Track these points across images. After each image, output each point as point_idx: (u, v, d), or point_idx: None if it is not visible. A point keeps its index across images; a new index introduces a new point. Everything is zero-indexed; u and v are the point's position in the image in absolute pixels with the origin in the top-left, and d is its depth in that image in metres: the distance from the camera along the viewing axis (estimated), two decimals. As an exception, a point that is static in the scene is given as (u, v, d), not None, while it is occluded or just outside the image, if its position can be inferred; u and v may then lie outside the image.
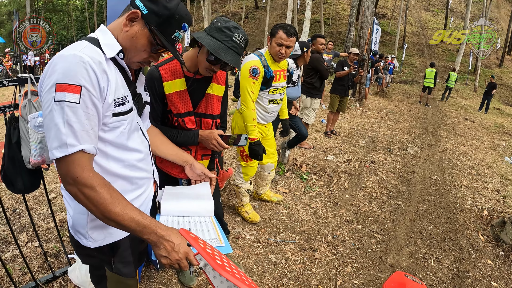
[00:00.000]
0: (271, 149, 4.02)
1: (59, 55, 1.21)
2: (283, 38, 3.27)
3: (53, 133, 1.18)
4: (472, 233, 4.14)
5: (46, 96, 1.19)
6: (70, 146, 1.17)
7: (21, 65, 20.86)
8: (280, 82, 3.64)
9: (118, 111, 1.35)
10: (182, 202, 1.78)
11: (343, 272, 3.23)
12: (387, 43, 32.59)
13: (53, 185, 4.58)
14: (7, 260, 3.03)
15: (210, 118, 2.30)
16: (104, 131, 1.34)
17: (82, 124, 1.19)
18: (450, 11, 35.62)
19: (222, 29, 1.93)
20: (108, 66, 1.30)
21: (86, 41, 1.32)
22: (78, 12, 48.73)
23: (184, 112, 2.18)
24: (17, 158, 2.00)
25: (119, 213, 1.20)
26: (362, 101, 12.97)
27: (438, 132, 9.90)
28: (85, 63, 1.19)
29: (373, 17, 12.71)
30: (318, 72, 6.26)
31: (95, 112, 1.24)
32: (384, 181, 5.49)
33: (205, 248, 1.18)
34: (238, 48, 1.96)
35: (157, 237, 1.23)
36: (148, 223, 1.23)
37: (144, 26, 1.36)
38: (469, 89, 23.80)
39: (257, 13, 41.40)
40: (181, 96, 2.14)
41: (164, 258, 1.23)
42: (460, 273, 3.38)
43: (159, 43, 1.38)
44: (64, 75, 1.16)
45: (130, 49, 1.39)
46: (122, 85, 1.38)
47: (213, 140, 2.19)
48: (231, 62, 1.91)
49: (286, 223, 4.02)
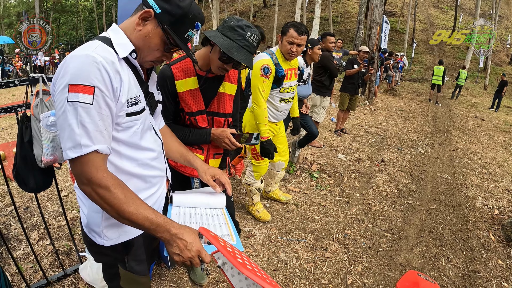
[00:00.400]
0: (282, 147, 4.03)
1: (72, 55, 1.21)
2: (294, 36, 3.28)
3: (67, 134, 1.18)
4: (483, 232, 4.12)
5: (59, 97, 1.19)
6: (84, 147, 1.18)
7: (31, 66, 21.02)
8: (291, 81, 3.64)
9: (131, 111, 1.35)
10: (193, 193, 1.80)
11: (353, 271, 3.24)
12: (396, 41, 32.38)
13: (64, 183, 4.63)
14: (18, 258, 3.07)
15: (222, 116, 2.30)
16: (118, 130, 1.34)
17: (96, 125, 1.20)
18: (459, 8, 35.27)
19: (235, 28, 1.93)
20: (121, 66, 1.30)
21: (99, 40, 1.31)
22: (87, 13, 49.02)
23: (196, 110, 2.18)
24: (29, 157, 2.01)
25: (133, 212, 1.22)
26: (372, 99, 12.92)
27: (448, 130, 9.84)
28: (98, 63, 1.19)
29: (382, 14, 12.64)
30: (327, 70, 6.25)
31: (108, 113, 1.24)
32: (394, 180, 5.48)
33: (225, 247, 1.19)
34: (251, 47, 1.96)
35: (170, 235, 1.25)
36: (161, 221, 1.26)
37: (157, 25, 1.36)
38: (479, 87, 23.58)
39: (265, 11, 41.31)
40: (193, 95, 2.14)
41: (177, 255, 1.25)
42: (470, 273, 3.37)
43: (172, 42, 1.38)
44: (77, 75, 1.17)
45: (143, 48, 1.39)
46: (134, 84, 1.38)
47: (225, 139, 2.20)
48: (244, 61, 1.90)
49: (297, 221, 4.03)
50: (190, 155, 1.87)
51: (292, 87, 3.69)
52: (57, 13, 45.94)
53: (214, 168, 1.83)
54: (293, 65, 3.66)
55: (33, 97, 2.11)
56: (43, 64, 22.98)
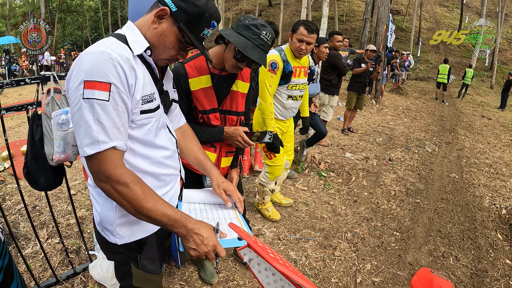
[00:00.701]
0: (289, 146, 4.04)
1: (87, 52, 1.21)
2: (304, 34, 3.31)
3: (83, 130, 1.18)
4: (491, 232, 4.12)
5: (74, 94, 1.18)
6: (102, 143, 1.18)
7: (37, 65, 21.07)
8: (300, 79, 3.63)
9: (146, 108, 1.35)
10: (203, 192, 1.81)
11: (362, 269, 3.25)
12: (402, 40, 32.24)
13: (73, 182, 4.66)
14: (27, 256, 3.10)
15: (235, 115, 2.30)
16: (132, 128, 1.34)
17: (112, 121, 1.20)
18: (465, 7, 35.00)
19: (250, 27, 1.93)
20: (135, 63, 1.29)
21: (113, 37, 1.31)
22: (92, 13, 49.02)
23: (209, 108, 2.18)
24: (40, 155, 2.00)
25: (151, 209, 1.24)
26: (379, 98, 12.89)
27: (455, 129, 9.81)
28: (113, 59, 1.18)
29: (388, 13, 12.61)
30: (336, 69, 6.24)
31: (124, 109, 1.24)
32: (402, 179, 5.48)
33: (256, 242, 1.19)
34: (265, 46, 1.97)
35: (187, 230, 1.28)
36: (178, 217, 1.28)
37: (173, 24, 1.35)
38: (485, 86, 23.44)
39: (270, 10, 41.21)
40: (206, 93, 2.14)
41: (193, 250, 1.28)
42: (478, 272, 3.38)
43: (188, 41, 1.37)
44: (93, 72, 1.16)
45: (158, 46, 1.38)
46: (149, 82, 1.37)
47: (238, 137, 2.20)
48: (259, 60, 1.90)
49: (306, 220, 4.05)
50: (207, 164, 1.83)
51: (301, 85, 3.67)
52: (63, 13, 45.97)
53: (228, 183, 1.79)
54: (303, 63, 3.64)
55: (44, 95, 2.10)
56: (49, 63, 23.04)
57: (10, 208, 3.91)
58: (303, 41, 3.34)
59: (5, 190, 4.39)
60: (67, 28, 50.85)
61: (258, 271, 1.20)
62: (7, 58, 21.13)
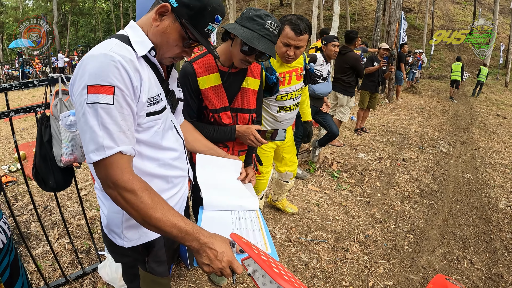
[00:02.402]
0: (290, 157, 3.62)
1: (89, 55, 1.18)
2: (290, 36, 2.60)
3: (88, 136, 1.15)
4: (506, 234, 4.03)
5: (78, 99, 1.16)
6: (107, 149, 1.14)
7: (51, 67, 21.35)
8: (291, 86, 3.04)
9: (152, 110, 1.32)
10: (224, 194, 1.77)
11: (375, 273, 3.20)
12: (414, 38, 31.95)
13: (84, 182, 4.70)
14: (37, 256, 3.12)
15: (246, 112, 2.26)
16: (138, 131, 1.31)
17: (118, 126, 1.16)
18: (478, 3, 34.62)
19: (254, 18, 1.89)
20: (140, 64, 1.26)
21: (116, 39, 1.27)
22: (105, 15, 49.55)
23: (220, 107, 2.15)
24: (49, 156, 2.00)
25: (160, 219, 1.16)
26: (392, 98, 12.78)
27: (470, 129, 9.66)
28: (116, 62, 1.15)
29: (400, 11, 12.49)
30: (355, 70, 6.18)
31: (130, 112, 1.21)
32: (416, 180, 5.41)
33: (259, 255, 1.12)
34: (272, 35, 1.91)
35: (200, 244, 1.19)
36: (190, 229, 1.19)
37: (175, 20, 1.30)
38: (500, 84, 23.09)
39: (282, 10, 41.12)
40: (216, 91, 2.12)
41: (206, 266, 1.20)
42: (493, 276, 3.30)
43: (192, 37, 1.33)
44: (96, 76, 1.13)
45: (161, 44, 1.34)
46: (155, 83, 1.35)
47: (250, 136, 2.17)
48: (266, 50, 1.85)
49: (318, 222, 4.00)
50: (215, 147, 1.92)
51: (294, 92, 3.08)
52: (75, 16, 46.52)
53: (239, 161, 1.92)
54: (295, 64, 3.05)
55: (52, 97, 2.11)
56: (63, 65, 23.31)
57: (22, 208, 3.96)
58: (290, 45, 2.66)
59: (18, 190, 4.44)
60: (80, 31, 51.48)
61: (263, 283, 1.14)
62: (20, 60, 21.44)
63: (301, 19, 2.63)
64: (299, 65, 3.09)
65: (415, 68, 17.93)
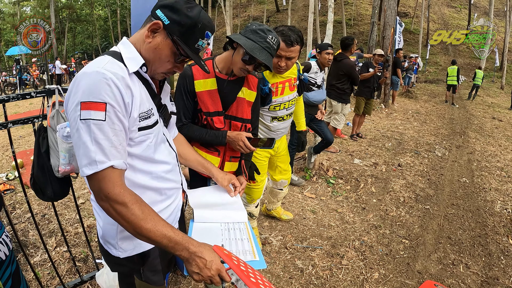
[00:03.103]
0: (284, 166, 3.65)
1: (82, 72, 1.23)
2: (281, 47, 2.64)
3: (82, 151, 1.20)
4: (502, 237, 4.05)
5: (72, 115, 1.21)
6: (99, 163, 1.19)
7: (48, 74, 21.34)
8: (284, 96, 3.06)
9: (144, 125, 1.36)
10: (215, 209, 1.83)
11: (370, 278, 3.22)
12: (410, 42, 32.07)
13: (81, 191, 4.71)
14: (35, 264, 3.14)
15: (240, 121, 2.34)
16: (131, 145, 1.35)
17: (110, 141, 1.21)
18: (473, 7, 34.80)
19: (257, 31, 2.03)
20: (131, 81, 1.30)
21: (109, 56, 1.32)
22: (102, 22, 49.67)
23: (213, 111, 2.24)
24: (46, 166, 2.05)
25: (150, 229, 1.22)
26: (388, 103, 12.82)
27: (465, 132, 9.71)
28: (107, 79, 1.19)
29: (395, 16, 12.55)
30: (350, 78, 6.22)
31: (121, 128, 1.25)
32: (411, 185, 5.43)
33: (238, 265, 1.19)
34: (271, 49, 2.05)
35: (189, 253, 1.24)
36: (180, 239, 1.25)
37: (167, 37, 1.35)
38: (496, 86, 23.19)
39: (278, 16, 41.30)
40: (211, 95, 2.21)
41: (196, 274, 1.24)
42: (489, 279, 3.32)
43: (183, 53, 1.38)
44: (88, 93, 1.18)
45: (154, 60, 1.39)
46: (146, 99, 1.39)
47: (240, 142, 2.21)
48: (265, 61, 1.99)
49: (313, 228, 4.02)
50: (207, 163, 1.96)
51: (287, 102, 3.12)
52: (73, 23, 46.58)
53: (229, 174, 1.98)
54: (289, 75, 3.07)
55: (49, 108, 2.16)
56: (60, 72, 23.30)
57: (20, 216, 3.97)
58: (281, 57, 2.69)
59: (15, 198, 4.46)
60: (77, 37, 51.57)
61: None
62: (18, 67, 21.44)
63: (292, 30, 2.65)
64: (292, 75, 3.11)
65: (411, 72, 18.01)
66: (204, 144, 2.37)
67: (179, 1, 1.35)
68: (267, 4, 41.12)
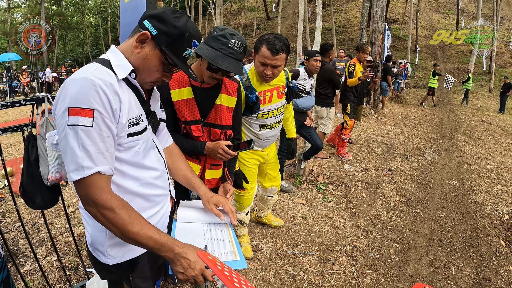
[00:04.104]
0: (273, 173, 3.65)
1: (71, 79, 1.24)
2: (267, 56, 2.62)
3: (69, 157, 1.21)
4: (493, 239, 4.08)
5: (60, 121, 1.22)
6: (86, 169, 1.21)
7: (38, 82, 21.21)
8: (272, 104, 3.04)
9: (132, 131, 1.37)
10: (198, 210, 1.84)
11: (362, 283, 3.22)
12: (399, 48, 32.41)
13: (71, 199, 4.68)
14: (26, 274, 3.11)
15: (219, 128, 2.32)
16: (120, 151, 1.37)
17: (97, 147, 1.22)
18: (461, 12, 35.22)
19: (218, 38, 1.97)
20: (120, 87, 1.31)
21: (97, 63, 1.33)
22: (93, 29, 49.59)
23: (190, 120, 2.22)
24: (36, 175, 2.04)
25: (137, 233, 1.26)
26: (377, 108, 12.90)
27: (455, 136, 9.79)
28: (95, 86, 1.20)
29: (384, 22, 12.67)
30: (331, 82, 6.25)
31: (109, 134, 1.27)
32: (402, 189, 5.46)
33: (223, 271, 1.23)
34: (236, 53, 1.99)
35: (174, 254, 1.30)
36: (165, 241, 1.30)
37: (155, 47, 1.37)
38: (484, 90, 23.45)
39: (268, 24, 41.52)
40: (188, 104, 2.19)
41: (180, 274, 1.30)
42: (481, 281, 3.34)
43: (171, 62, 1.40)
44: (76, 99, 1.19)
45: (142, 70, 1.41)
46: (135, 105, 1.40)
47: (219, 150, 2.19)
48: (230, 69, 1.93)
49: (304, 234, 4.02)
50: (195, 181, 1.88)
51: (276, 110, 3.09)
52: (63, 30, 46.45)
53: (218, 196, 1.83)
54: (276, 82, 3.04)
55: (38, 116, 2.16)
56: (51, 80, 23.18)
57: (9, 225, 3.93)
58: (267, 65, 2.67)
59: (5, 207, 4.41)
60: (68, 45, 51.39)
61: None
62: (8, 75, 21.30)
63: (278, 38, 2.64)
64: (280, 83, 3.08)
65: (400, 78, 18.15)
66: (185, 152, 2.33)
67: (166, 11, 1.37)
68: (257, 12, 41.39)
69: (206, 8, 39.44)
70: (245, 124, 3.07)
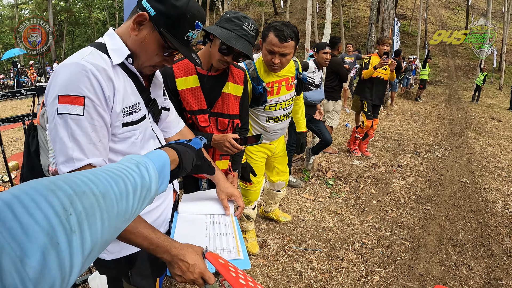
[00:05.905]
0: (281, 167, 3.56)
1: (62, 64, 1.16)
2: (274, 43, 2.50)
3: (59, 148, 1.15)
4: (505, 238, 3.99)
5: (50, 109, 1.15)
6: (76, 161, 1.14)
7: (45, 77, 21.33)
8: (280, 96, 2.91)
9: (128, 120, 1.29)
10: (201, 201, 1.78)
11: (371, 281, 3.15)
12: (408, 44, 32.13)
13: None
14: (27, 268, 3.08)
15: (226, 117, 2.26)
16: (114, 142, 1.29)
17: (88, 137, 1.15)
18: (470, 8, 34.89)
19: (232, 19, 1.95)
20: (115, 73, 1.24)
21: (92, 47, 1.26)
22: (100, 25, 49.72)
23: (197, 109, 2.15)
24: (36, 167, 2.00)
25: (130, 231, 1.15)
26: (386, 104, 12.80)
27: (465, 133, 9.66)
28: (87, 71, 1.13)
29: (393, 17, 12.53)
30: (338, 75, 6.18)
31: (102, 123, 1.19)
32: (412, 186, 5.37)
33: (237, 278, 1.13)
34: (249, 36, 1.97)
35: (171, 256, 1.20)
36: (161, 242, 1.20)
37: (153, 29, 1.27)
38: (494, 87, 23.20)
39: (276, 19, 41.32)
40: (194, 93, 2.12)
41: (178, 277, 1.21)
42: (492, 281, 3.26)
43: (171, 45, 1.30)
44: (66, 86, 1.11)
45: (140, 54, 1.32)
46: (132, 92, 1.32)
47: (226, 143, 2.11)
48: (243, 49, 1.90)
49: (312, 230, 3.96)
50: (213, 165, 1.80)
51: (284, 102, 2.97)
52: (71, 26, 46.68)
53: (233, 189, 1.75)
54: (285, 73, 2.90)
55: (39, 106, 2.12)
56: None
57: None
58: (275, 53, 2.55)
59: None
60: (75, 41, 51.58)
61: None
62: (16, 70, 21.43)
63: (286, 25, 2.53)
64: (289, 74, 2.95)
65: (409, 73, 18.00)
66: None
67: None
68: (265, 7, 41.22)
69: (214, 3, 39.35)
70: (252, 116, 2.97)
